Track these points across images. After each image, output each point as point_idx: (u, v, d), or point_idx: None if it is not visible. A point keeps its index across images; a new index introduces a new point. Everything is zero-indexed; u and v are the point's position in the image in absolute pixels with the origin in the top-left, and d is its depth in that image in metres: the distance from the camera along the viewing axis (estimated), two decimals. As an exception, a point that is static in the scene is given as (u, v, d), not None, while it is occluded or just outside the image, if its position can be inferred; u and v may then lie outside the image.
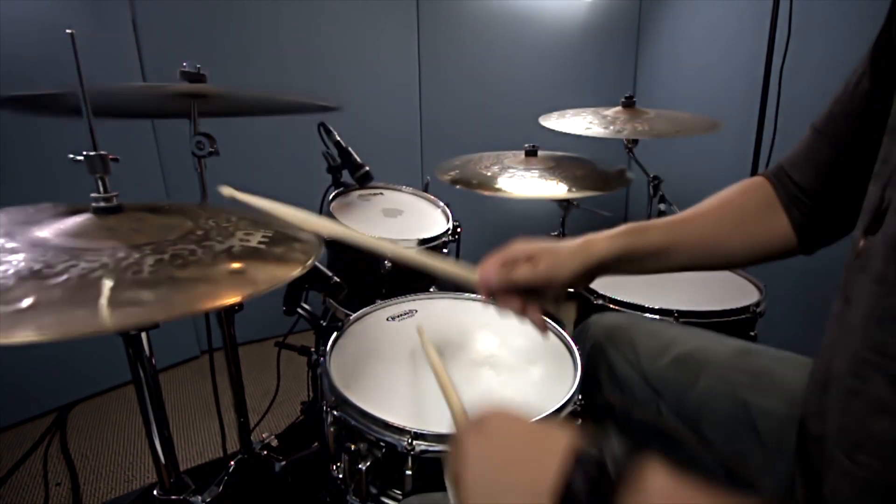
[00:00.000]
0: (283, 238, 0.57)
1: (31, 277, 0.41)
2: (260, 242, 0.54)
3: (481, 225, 2.49)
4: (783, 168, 0.65)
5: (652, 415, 0.73)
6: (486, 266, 0.63)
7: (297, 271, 0.49)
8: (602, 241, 0.64)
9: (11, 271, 0.41)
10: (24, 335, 0.33)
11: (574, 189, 1.27)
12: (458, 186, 1.30)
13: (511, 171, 1.35)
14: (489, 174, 1.34)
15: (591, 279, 0.66)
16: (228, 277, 0.46)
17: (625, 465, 0.32)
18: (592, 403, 0.79)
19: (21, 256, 0.44)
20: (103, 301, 0.38)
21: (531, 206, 1.55)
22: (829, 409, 0.46)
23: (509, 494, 0.37)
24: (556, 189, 1.27)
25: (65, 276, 0.41)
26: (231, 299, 0.42)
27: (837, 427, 0.44)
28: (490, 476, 0.39)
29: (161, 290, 0.41)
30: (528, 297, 0.64)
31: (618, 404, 0.77)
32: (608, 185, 1.33)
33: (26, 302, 0.37)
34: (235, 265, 0.48)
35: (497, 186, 1.27)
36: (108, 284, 0.40)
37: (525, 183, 1.30)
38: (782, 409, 0.62)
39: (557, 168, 1.37)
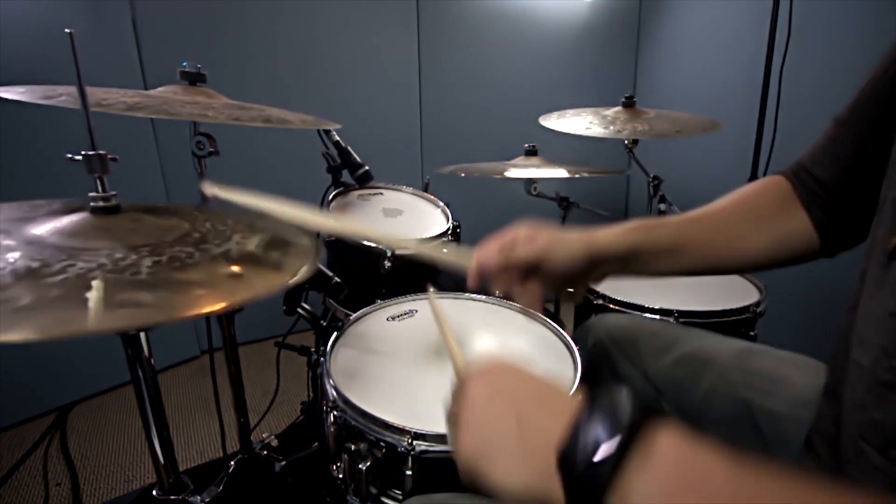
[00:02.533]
0: (280, 242, 0.56)
1: (28, 276, 0.40)
2: (257, 246, 0.54)
3: (481, 225, 2.49)
4: (802, 164, 0.61)
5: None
6: (484, 248, 0.61)
7: (294, 278, 0.49)
8: (609, 234, 0.61)
9: (8, 269, 0.41)
10: (22, 334, 0.33)
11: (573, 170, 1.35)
12: (462, 175, 1.34)
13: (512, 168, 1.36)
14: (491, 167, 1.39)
15: (594, 275, 0.62)
16: (226, 281, 0.46)
17: (635, 427, 0.30)
18: None
19: (17, 254, 0.44)
20: (95, 303, 0.38)
21: (531, 205, 1.55)
22: (858, 403, 0.45)
23: (509, 444, 0.35)
24: (558, 172, 1.35)
25: (63, 276, 0.41)
26: (229, 304, 0.42)
27: (868, 422, 0.43)
28: (491, 423, 0.37)
29: (159, 292, 0.41)
30: (527, 280, 0.61)
31: None
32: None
33: (24, 300, 0.37)
34: (234, 268, 0.48)
35: (502, 172, 1.32)
36: (100, 286, 0.40)
37: (527, 172, 1.37)
38: (784, 409, 0.62)
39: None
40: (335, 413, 0.70)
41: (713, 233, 0.62)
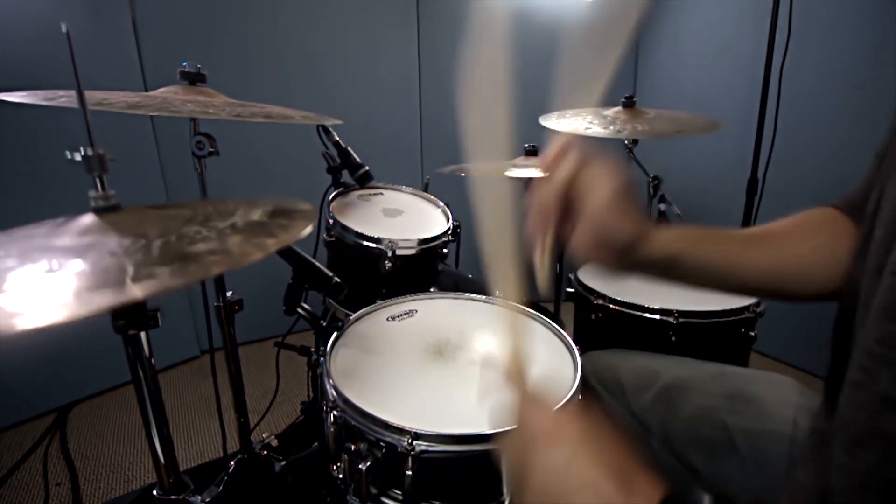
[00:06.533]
0: (283, 211, 0.58)
1: (52, 272, 0.43)
2: (262, 216, 0.56)
3: (481, 225, 2.50)
4: (850, 198, 0.58)
5: (647, 454, 0.74)
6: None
7: (302, 232, 0.52)
8: (667, 232, 0.54)
9: (42, 272, 0.43)
10: (74, 311, 0.36)
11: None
12: (462, 175, 1.33)
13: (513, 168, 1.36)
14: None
15: (628, 260, 0.53)
16: (238, 245, 0.48)
17: None
18: None
19: (39, 262, 0.45)
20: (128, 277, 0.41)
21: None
22: (838, 406, 0.45)
23: None
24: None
25: (82, 267, 0.43)
26: (244, 262, 0.44)
27: (841, 423, 0.44)
28: (567, 493, 0.38)
29: (174, 264, 0.43)
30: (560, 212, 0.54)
31: None
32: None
33: (59, 288, 0.39)
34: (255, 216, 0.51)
35: (502, 172, 1.32)
36: (127, 265, 0.43)
37: (527, 172, 1.35)
38: (758, 425, 0.66)
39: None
40: (335, 413, 0.70)
41: (778, 249, 0.57)
